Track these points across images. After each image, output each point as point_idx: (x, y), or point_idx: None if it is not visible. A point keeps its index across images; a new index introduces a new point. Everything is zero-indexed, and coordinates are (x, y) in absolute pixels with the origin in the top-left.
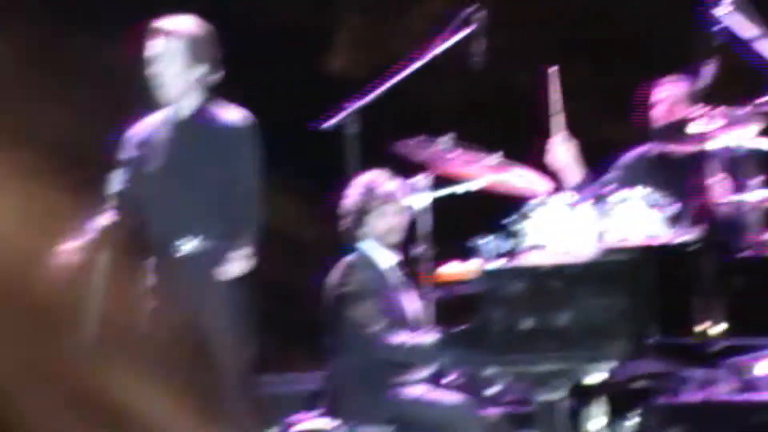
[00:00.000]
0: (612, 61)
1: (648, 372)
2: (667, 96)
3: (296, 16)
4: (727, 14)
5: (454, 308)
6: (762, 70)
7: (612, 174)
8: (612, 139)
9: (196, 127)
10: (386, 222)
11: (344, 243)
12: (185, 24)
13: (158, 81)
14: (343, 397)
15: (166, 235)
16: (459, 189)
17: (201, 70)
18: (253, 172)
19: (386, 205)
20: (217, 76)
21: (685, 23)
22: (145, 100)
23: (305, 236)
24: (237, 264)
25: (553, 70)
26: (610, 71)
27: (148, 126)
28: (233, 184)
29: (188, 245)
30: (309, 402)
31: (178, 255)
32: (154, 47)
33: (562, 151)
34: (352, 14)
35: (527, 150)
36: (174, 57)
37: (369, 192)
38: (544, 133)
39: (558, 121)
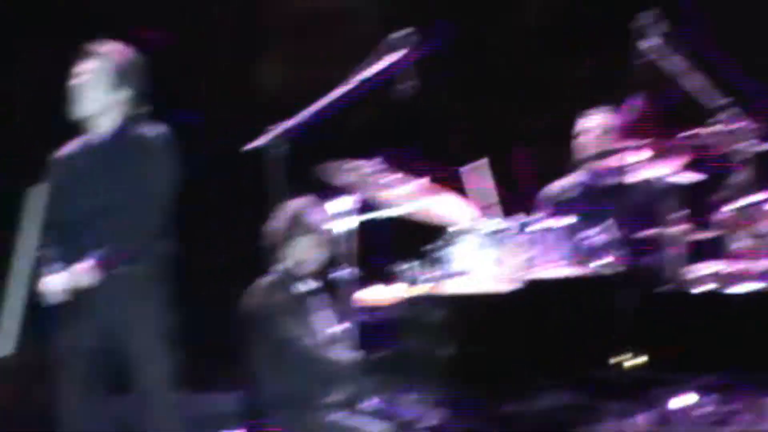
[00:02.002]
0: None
1: (565, 403)
2: (594, 127)
3: (224, 37)
4: (656, 48)
5: (374, 333)
6: (687, 104)
7: (537, 204)
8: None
9: (109, 147)
10: (306, 252)
11: (265, 263)
12: (114, 49)
13: (80, 96)
14: (265, 418)
15: (85, 253)
16: (384, 213)
17: (123, 93)
18: (160, 182)
19: (309, 235)
20: (142, 105)
21: (613, 56)
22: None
23: (225, 256)
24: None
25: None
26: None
27: (70, 149)
28: (146, 197)
29: None
30: (228, 422)
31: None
32: (84, 66)
33: None
34: (281, 37)
35: (452, 176)
36: (99, 77)
37: (296, 220)
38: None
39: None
